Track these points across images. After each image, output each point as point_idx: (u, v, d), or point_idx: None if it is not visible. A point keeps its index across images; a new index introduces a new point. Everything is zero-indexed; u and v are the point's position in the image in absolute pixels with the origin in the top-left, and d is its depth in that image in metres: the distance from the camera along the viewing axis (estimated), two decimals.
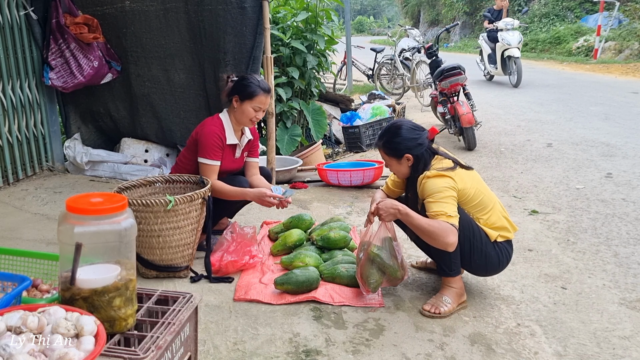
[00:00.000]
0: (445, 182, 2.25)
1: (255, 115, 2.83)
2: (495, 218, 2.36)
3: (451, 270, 2.36)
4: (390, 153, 2.39)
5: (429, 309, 2.32)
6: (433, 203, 2.23)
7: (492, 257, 2.34)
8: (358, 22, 42.56)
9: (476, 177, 2.41)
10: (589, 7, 17.31)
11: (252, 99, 2.79)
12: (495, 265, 2.38)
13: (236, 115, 2.86)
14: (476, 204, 2.33)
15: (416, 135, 2.36)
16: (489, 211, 2.35)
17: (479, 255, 2.32)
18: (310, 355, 2.02)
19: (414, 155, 2.33)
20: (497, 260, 2.36)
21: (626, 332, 2.24)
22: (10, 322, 1.19)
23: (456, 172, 2.30)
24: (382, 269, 2.40)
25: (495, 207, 2.38)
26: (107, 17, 4.30)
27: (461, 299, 2.38)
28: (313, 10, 5.29)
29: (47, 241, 3.10)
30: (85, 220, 1.33)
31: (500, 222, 2.37)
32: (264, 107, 2.82)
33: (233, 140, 2.89)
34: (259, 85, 2.81)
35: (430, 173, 2.28)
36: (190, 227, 2.60)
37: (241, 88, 2.81)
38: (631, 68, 11.90)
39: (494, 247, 2.34)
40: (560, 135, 6.12)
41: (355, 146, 5.98)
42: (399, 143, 2.35)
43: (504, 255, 2.38)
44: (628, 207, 3.79)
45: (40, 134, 4.47)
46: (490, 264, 2.37)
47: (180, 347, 1.53)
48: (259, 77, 2.88)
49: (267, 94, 2.84)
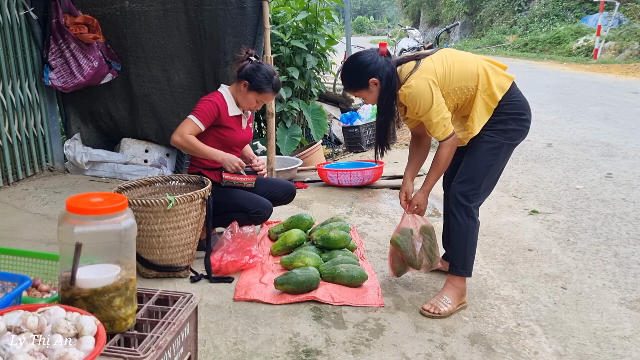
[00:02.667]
0: (423, 85, 2.20)
1: (256, 106, 2.89)
2: (485, 77, 2.29)
3: (464, 268, 2.38)
4: (356, 86, 2.36)
5: (428, 309, 2.32)
6: (429, 123, 2.26)
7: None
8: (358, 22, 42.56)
9: (444, 53, 2.33)
10: (589, 7, 17.32)
11: (260, 92, 2.82)
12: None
13: (239, 96, 2.87)
14: (461, 77, 2.27)
15: (369, 58, 2.30)
16: (476, 73, 2.28)
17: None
18: (310, 355, 2.02)
19: (377, 77, 2.28)
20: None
21: (626, 332, 2.24)
22: (10, 322, 1.19)
23: (424, 66, 2.24)
24: (402, 256, 2.52)
25: (479, 62, 2.32)
26: (107, 17, 4.30)
27: (461, 299, 2.38)
28: (313, 10, 5.29)
29: (47, 241, 3.09)
30: (85, 220, 1.33)
31: (492, 76, 2.29)
32: (266, 102, 2.90)
33: (236, 112, 2.90)
34: (271, 83, 2.82)
35: (405, 85, 2.24)
36: (190, 227, 2.60)
37: (254, 79, 2.79)
38: (631, 68, 11.91)
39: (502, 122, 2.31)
40: (560, 135, 6.12)
41: (355, 146, 5.98)
42: (358, 74, 2.31)
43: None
44: (628, 207, 3.79)
45: (40, 134, 4.47)
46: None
47: (180, 347, 1.53)
48: (274, 72, 2.86)
49: (276, 93, 2.89)
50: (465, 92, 2.28)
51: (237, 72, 2.87)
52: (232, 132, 2.86)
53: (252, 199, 2.85)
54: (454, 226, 2.37)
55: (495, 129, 2.30)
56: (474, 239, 2.37)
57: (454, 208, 2.35)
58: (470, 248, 2.37)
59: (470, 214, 2.33)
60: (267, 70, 2.82)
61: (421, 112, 2.24)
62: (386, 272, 2.75)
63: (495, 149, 2.30)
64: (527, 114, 2.36)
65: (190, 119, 2.76)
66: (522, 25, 19.51)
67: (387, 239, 3.20)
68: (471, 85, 2.27)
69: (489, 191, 2.41)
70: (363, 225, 3.43)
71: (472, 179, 2.32)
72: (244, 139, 2.98)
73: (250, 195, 2.87)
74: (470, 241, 2.36)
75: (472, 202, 2.34)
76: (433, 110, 2.21)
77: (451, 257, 2.43)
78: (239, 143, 2.96)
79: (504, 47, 18.26)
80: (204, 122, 2.76)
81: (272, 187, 3.06)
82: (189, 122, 2.76)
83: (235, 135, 2.89)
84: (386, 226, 3.43)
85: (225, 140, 2.86)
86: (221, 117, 2.81)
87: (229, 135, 2.86)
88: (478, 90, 2.27)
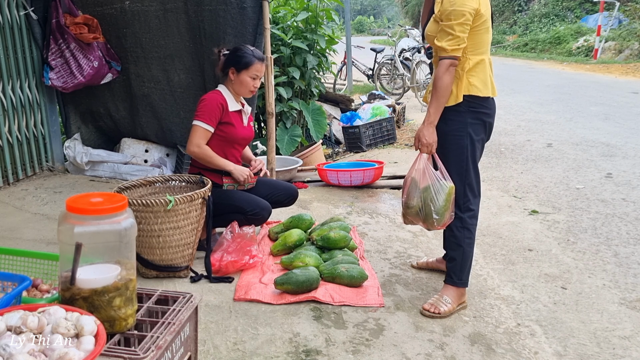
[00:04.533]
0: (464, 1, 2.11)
1: (254, 84, 2.88)
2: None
3: (460, 279, 2.37)
4: None
5: (428, 309, 2.32)
6: (444, 30, 2.15)
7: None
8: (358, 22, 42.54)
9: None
10: (589, 7, 17.33)
11: (248, 68, 2.83)
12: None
13: (234, 86, 2.89)
14: (480, 41, 2.21)
15: None
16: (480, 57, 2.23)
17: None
18: (310, 355, 2.02)
19: None
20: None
21: (626, 332, 2.24)
22: (10, 322, 1.19)
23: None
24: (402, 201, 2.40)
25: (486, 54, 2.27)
26: (107, 17, 4.30)
27: (461, 299, 2.38)
28: (313, 10, 5.29)
29: (47, 241, 3.09)
30: (85, 220, 1.33)
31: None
32: (260, 75, 2.88)
33: (236, 107, 2.91)
34: (253, 54, 2.85)
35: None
36: (190, 227, 2.60)
37: (236, 59, 2.84)
38: (631, 68, 11.91)
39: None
40: (560, 135, 6.12)
41: (355, 146, 5.99)
42: None
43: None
44: (628, 207, 3.79)
45: (40, 134, 4.47)
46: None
47: (180, 347, 1.53)
48: (251, 47, 2.92)
49: (263, 62, 2.89)
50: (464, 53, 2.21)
51: (221, 70, 2.91)
52: (233, 128, 2.87)
53: (251, 200, 2.85)
54: (450, 238, 2.38)
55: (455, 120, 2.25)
56: (470, 250, 2.36)
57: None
58: (466, 260, 2.36)
59: (465, 225, 2.32)
60: (244, 47, 2.89)
61: (446, 13, 2.14)
62: (386, 272, 2.75)
63: (460, 144, 2.25)
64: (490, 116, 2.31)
65: (199, 125, 2.76)
66: (522, 25, 19.53)
67: (387, 239, 3.21)
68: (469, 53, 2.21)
69: (477, 187, 2.35)
70: (363, 225, 3.43)
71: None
72: (246, 135, 2.98)
73: (249, 197, 2.87)
74: (466, 253, 2.35)
75: (465, 211, 2.31)
76: (460, 22, 2.12)
77: (448, 267, 2.42)
78: (241, 140, 2.96)
79: (504, 47, 18.27)
80: (212, 125, 2.78)
81: (274, 189, 3.06)
82: (198, 129, 2.76)
83: (236, 132, 2.89)
84: (386, 226, 3.43)
85: (226, 137, 2.86)
86: (224, 112, 2.83)
87: (230, 132, 2.86)
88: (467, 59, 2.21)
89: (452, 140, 2.27)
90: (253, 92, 2.92)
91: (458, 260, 2.35)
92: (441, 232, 2.73)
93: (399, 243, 3.15)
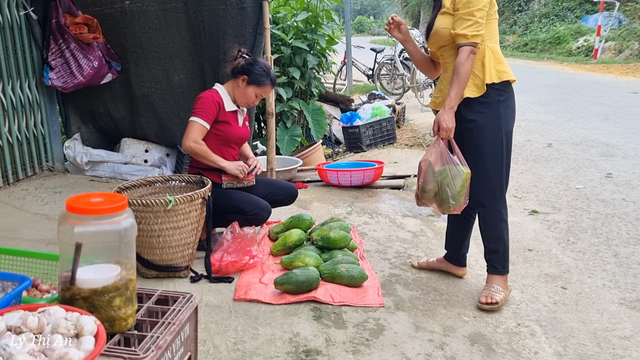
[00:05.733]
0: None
1: (254, 100, 2.91)
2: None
3: (504, 267, 2.45)
4: None
5: (485, 301, 2.37)
6: (464, 17, 2.18)
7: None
8: (358, 22, 42.57)
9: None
10: (589, 7, 17.34)
11: (259, 86, 2.86)
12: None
13: (236, 93, 2.90)
14: (493, 30, 2.28)
15: None
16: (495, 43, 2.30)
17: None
18: (310, 355, 2.02)
19: None
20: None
21: (626, 332, 2.24)
22: (10, 322, 1.19)
23: None
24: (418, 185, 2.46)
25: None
26: (107, 17, 4.30)
27: (507, 284, 2.47)
28: (313, 10, 5.29)
29: (47, 241, 3.09)
30: (85, 220, 1.33)
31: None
32: (265, 96, 2.94)
33: (232, 107, 2.91)
34: (269, 76, 2.88)
35: None
36: (190, 227, 2.60)
37: (253, 72, 2.85)
38: (631, 68, 11.91)
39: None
40: (560, 135, 6.12)
41: (355, 146, 5.99)
42: None
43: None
44: (628, 207, 3.79)
45: (40, 134, 4.47)
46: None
47: (180, 347, 1.53)
48: (270, 66, 2.94)
49: (274, 86, 2.96)
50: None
51: (232, 69, 2.91)
52: (229, 127, 2.88)
53: (250, 200, 2.85)
54: (489, 233, 2.43)
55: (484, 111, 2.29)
56: (508, 239, 2.45)
57: (484, 215, 2.41)
58: (507, 249, 2.45)
59: (502, 217, 2.40)
60: (264, 64, 2.90)
61: (464, 1, 2.18)
62: (386, 272, 2.75)
63: (496, 138, 2.30)
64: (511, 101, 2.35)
65: (196, 121, 2.77)
66: (522, 25, 19.53)
67: (387, 239, 3.21)
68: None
69: (506, 179, 2.40)
70: (363, 225, 3.43)
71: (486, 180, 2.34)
72: (241, 135, 2.99)
73: (249, 197, 2.87)
74: (506, 243, 2.44)
75: (501, 204, 2.38)
76: (479, 7, 2.17)
77: (490, 259, 2.47)
78: (237, 139, 2.97)
79: (504, 47, 18.26)
80: (208, 121, 2.79)
81: (273, 189, 3.07)
82: (195, 125, 2.77)
83: (233, 131, 2.90)
84: (386, 226, 3.43)
85: (222, 136, 2.86)
86: (220, 111, 2.83)
87: (226, 131, 2.86)
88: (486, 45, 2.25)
89: (487, 134, 2.30)
90: (250, 105, 2.96)
91: (501, 251, 2.43)
92: (442, 232, 2.73)
93: (399, 243, 3.15)
